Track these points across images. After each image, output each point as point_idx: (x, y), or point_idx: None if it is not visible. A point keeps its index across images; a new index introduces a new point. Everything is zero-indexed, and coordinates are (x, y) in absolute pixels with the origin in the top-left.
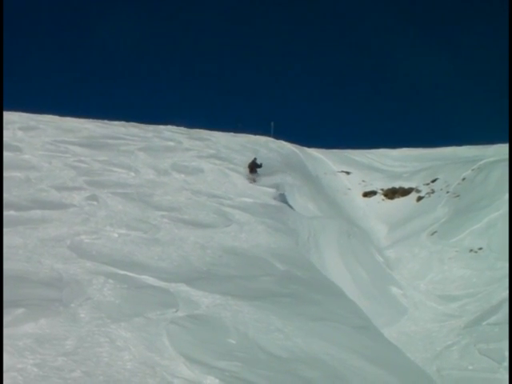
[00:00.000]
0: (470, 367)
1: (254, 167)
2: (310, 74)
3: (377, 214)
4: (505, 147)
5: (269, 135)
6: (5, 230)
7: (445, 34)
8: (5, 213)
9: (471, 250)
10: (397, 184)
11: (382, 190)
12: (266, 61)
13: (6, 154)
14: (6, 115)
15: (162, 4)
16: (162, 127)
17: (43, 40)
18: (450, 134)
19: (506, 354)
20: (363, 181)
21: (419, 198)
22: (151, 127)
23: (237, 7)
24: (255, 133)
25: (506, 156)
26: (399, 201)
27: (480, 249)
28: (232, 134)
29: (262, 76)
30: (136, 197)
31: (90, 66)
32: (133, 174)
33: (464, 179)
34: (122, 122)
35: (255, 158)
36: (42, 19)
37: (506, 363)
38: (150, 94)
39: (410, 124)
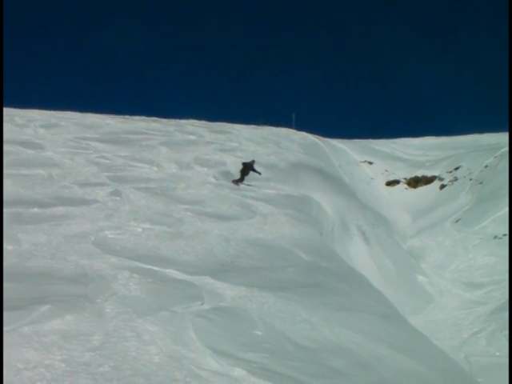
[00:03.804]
0: (498, 353)
1: (247, 171)
2: (332, 65)
3: (400, 203)
4: None
5: (290, 127)
6: (29, 227)
7: (464, 28)
8: (28, 210)
9: (495, 237)
10: (419, 173)
11: (405, 179)
12: (287, 53)
13: (28, 151)
14: (28, 113)
15: None
16: (183, 121)
17: (64, 38)
18: (471, 121)
19: None
20: (386, 170)
21: (442, 186)
22: (172, 121)
23: (258, 2)
24: (277, 125)
25: None
26: (422, 189)
27: (504, 235)
28: (253, 126)
29: (283, 68)
30: (159, 191)
31: (110, 62)
32: (155, 168)
33: (487, 166)
34: (143, 117)
35: (253, 161)
36: (61, 17)
37: None
38: (170, 89)
39: (431, 112)
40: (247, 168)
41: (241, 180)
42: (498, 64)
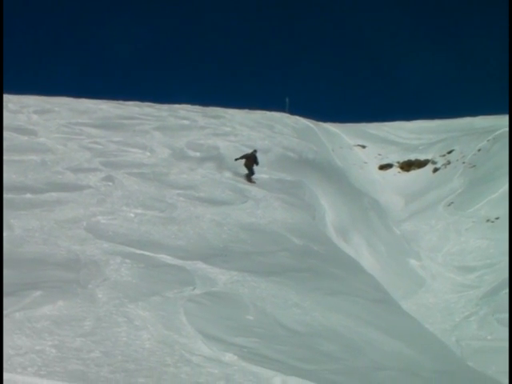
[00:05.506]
0: (489, 337)
1: (252, 163)
2: (325, 49)
3: (393, 186)
4: None
5: (284, 111)
6: (21, 212)
7: (457, 10)
8: (21, 196)
9: (488, 220)
10: (413, 156)
11: (398, 162)
12: (280, 38)
13: (21, 137)
14: (21, 99)
15: None
16: (176, 106)
17: (57, 24)
18: (464, 104)
19: None
20: (379, 154)
21: (435, 170)
22: (165, 106)
23: None
24: (270, 109)
25: None
26: (415, 173)
27: (497, 218)
28: (247, 110)
29: (276, 53)
30: (152, 176)
31: (103, 48)
32: (148, 153)
33: (480, 150)
34: (137, 102)
35: (255, 151)
36: (55, 4)
37: None
38: (163, 74)
39: (424, 95)
40: (251, 160)
41: (251, 174)
42: (492, 47)
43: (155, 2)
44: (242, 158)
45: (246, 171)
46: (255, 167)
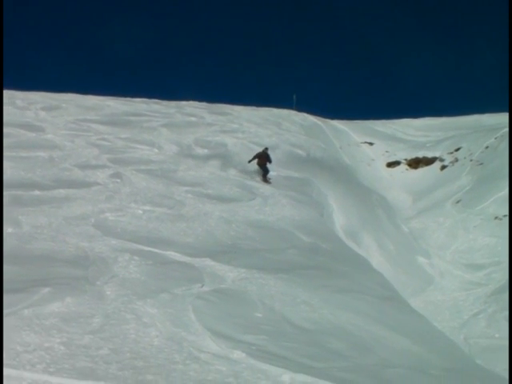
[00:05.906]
0: (497, 335)
1: (265, 162)
2: (332, 46)
3: (401, 183)
4: None
5: (291, 108)
6: (29, 209)
7: (462, 7)
8: (29, 192)
9: (496, 218)
10: (420, 154)
11: (406, 159)
12: (287, 34)
13: (29, 134)
14: (29, 95)
15: None
16: (183, 103)
17: (64, 20)
18: (472, 101)
19: None
20: (387, 151)
21: (443, 167)
22: (173, 103)
23: None
24: (277, 106)
25: None
26: (423, 170)
27: (505, 216)
28: (254, 107)
29: (284, 49)
30: (160, 173)
31: (110, 45)
32: (156, 150)
33: (487, 147)
34: (144, 99)
35: (266, 149)
36: (62, 1)
37: None
38: (170, 71)
39: (432, 93)
40: (264, 158)
41: (266, 173)
42: (499, 44)
43: (162, 1)
44: (254, 158)
45: (255, 168)
46: (268, 165)
